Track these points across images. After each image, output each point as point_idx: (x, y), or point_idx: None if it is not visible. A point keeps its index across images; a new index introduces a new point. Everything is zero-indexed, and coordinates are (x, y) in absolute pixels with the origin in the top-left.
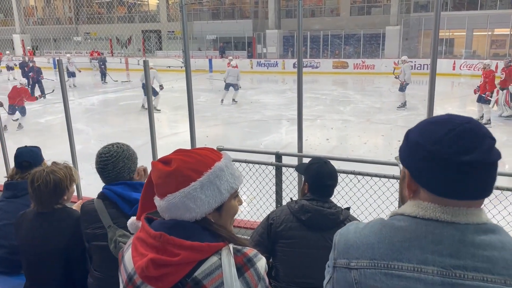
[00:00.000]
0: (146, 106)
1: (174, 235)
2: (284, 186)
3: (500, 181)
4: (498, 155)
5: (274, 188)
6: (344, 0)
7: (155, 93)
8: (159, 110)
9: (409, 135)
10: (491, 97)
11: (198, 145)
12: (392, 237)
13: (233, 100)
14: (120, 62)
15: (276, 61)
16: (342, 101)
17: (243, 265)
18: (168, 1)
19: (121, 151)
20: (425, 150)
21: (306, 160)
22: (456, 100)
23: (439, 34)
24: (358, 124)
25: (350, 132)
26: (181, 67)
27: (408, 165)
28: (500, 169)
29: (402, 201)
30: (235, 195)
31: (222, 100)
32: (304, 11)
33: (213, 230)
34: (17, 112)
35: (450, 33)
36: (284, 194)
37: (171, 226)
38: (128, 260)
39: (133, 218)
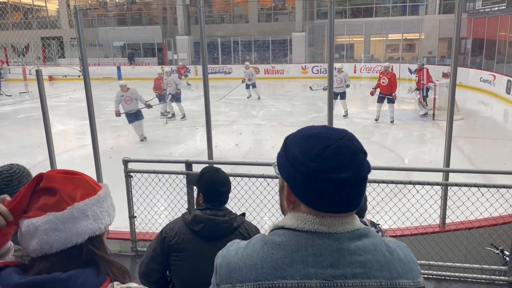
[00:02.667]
0: (166, 113)
1: None
2: (195, 194)
3: (397, 175)
4: (368, 170)
5: (186, 197)
6: (252, 7)
7: (178, 100)
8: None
9: (287, 146)
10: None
11: (102, 158)
12: (274, 255)
13: (258, 96)
14: (8, 73)
15: (188, 68)
16: (255, 106)
17: None
18: (69, 6)
19: (23, 168)
20: (304, 165)
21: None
22: (359, 101)
23: (340, 40)
24: (270, 128)
25: (263, 136)
26: (79, 76)
27: (287, 179)
28: (399, 164)
29: (282, 211)
30: None
31: (248, 97)
32: (214, 18)
33: (98, 263)
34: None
35: (350, 39)
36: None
37: (43, 283)
38: None
39: None
